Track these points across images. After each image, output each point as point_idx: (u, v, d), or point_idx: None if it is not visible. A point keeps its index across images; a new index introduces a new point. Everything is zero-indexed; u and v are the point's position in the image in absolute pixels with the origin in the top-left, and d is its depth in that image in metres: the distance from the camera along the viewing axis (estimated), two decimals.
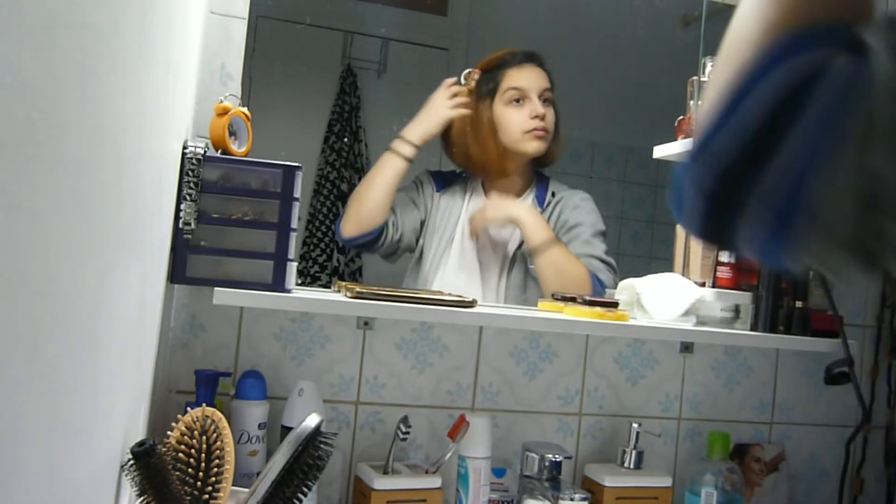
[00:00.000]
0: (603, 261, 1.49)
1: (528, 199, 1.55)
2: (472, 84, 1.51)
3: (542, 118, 1.51)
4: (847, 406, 1.63)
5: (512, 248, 1.52)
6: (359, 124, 1.57)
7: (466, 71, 1.51)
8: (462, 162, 1.54)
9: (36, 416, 0.42)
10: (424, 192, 1.53)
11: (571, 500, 1.29)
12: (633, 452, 1.38)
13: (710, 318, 1.42)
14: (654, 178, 1.71)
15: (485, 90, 1.52)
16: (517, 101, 1.51)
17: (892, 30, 0.37)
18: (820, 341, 1.39)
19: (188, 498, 0.82)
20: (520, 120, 1.51)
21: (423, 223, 1.52)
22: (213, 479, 0.84)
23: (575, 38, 1.66)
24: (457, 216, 1.52)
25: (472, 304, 1.23)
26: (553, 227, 1.51)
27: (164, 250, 1.04)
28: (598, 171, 1.71)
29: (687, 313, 1.36)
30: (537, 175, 1.58)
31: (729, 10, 1.70)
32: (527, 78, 1.52)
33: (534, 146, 1.51)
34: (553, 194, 1.55)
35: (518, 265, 1.51)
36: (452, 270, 1.49)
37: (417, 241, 1.51)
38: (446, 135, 1.51)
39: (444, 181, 1.55)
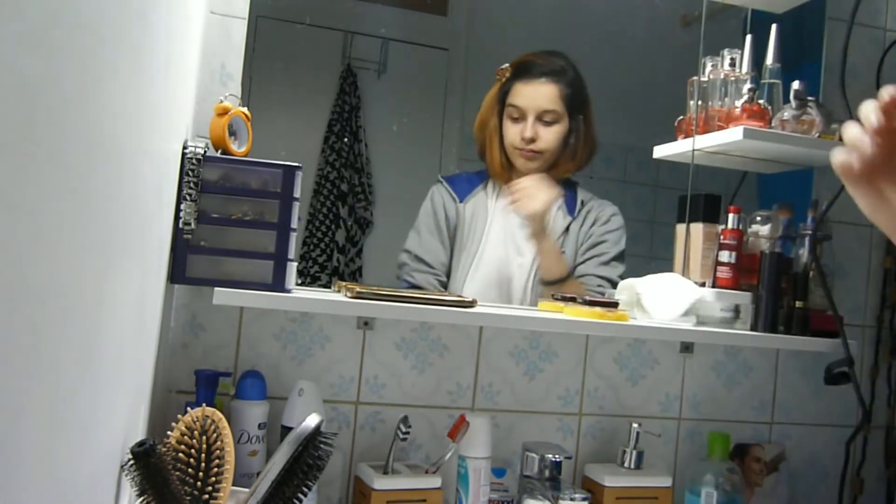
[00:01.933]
0: (616, 284, 1.48)
1: (556, 205, 1.53)
2: (503, 79, 1.53)
3: (531, 141, 1.50)
4: (847, 406, 1.63)
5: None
6: (359, 124, 1.57)
7: (501, 66, 1.53)
8: (480, 157, 1.55)
9: (36, 416, 0.41)
10: (447, 210, 1.52)
11: (571, 500, 1.29)
12: (633, 452, 1.38)
13: (710, 318, 1.42)
14: (654, 178, 1.71)
15: (500, 94, 1.53)
16: (515, 118, 1.52)
17: None
18: (820, 341, 1.39)
19: (188, 498, 0.82)
20: (513, 136, 1.52)
21: (451, 241, 1.51)
22: (213, 479, 0.84)
23: (575, 38, 1.65)
24: (483, 223, 1.52)
25: (472, 304, 1.23)
26: (578, 239, 1.52)
27: (164, 250, 1.04)
28: (598, 171, 1.70)
29: (687, 313, 1.36)
30: (563, 181, 1.56)
31: (729, 10, 1.70)
32: (528, 97, 1.51)
33: (520, 163, 1.51)
34: (582, 203, 1.54)
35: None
36: (482, 280, 1.48)
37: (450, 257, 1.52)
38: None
39: (464, 187, 1.54)
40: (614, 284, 1.49)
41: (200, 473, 0.84)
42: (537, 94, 1.52)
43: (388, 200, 1.53)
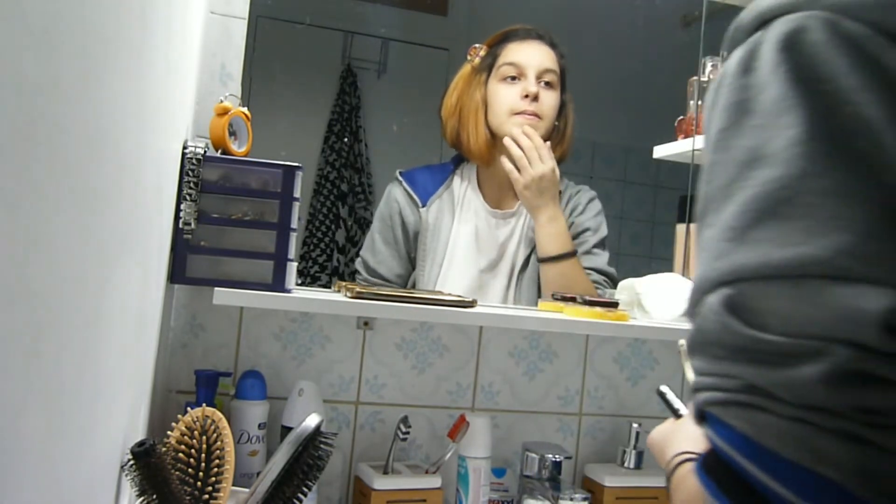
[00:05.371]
0: (604, 273, 1.45)
1: None
2: (477, 61, 1.43)
3: (535, 99, 1.38)
4: None
5: (518, 259, 1.46)
6: (359, 124, 1.57)
7: (472, 46, 1.44)
8: (453, 143, 1.45)
9: (36, 416, 0.41)
10: (404, 217, 1.43)
11: (571, 500, 1.29)
12: (633, 452, 1.38)
13: None
14: (654, 178, 1.71)
15: (483, 65, 1.43)
16: (512, 78, 1.39)
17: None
18: None
19: (188, 498, 0.82)
20: (509, 98, 1.38)
21: (412, 249, 1.43)
22: (213, 479, 0.84)
23: (575, 37, 1.66)
24: (448, 229, 1.43)
25: (472, 304, 1.23)
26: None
27: (164, 250, 1.04)
28: (598, 171, 1.70)
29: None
30: None
31: (729, 10, 1.69)
32: (526, 53, 1.40)
33: (517, 133, 1.38)
34: (560, 192, 1.46)
35: (527, 277, 1.44)
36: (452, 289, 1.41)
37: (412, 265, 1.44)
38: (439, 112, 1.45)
39: (427, 187, 1.44)
40: (601, 272, 1.46)
41: (200, 473, 0.84)
42: (537, 52, 1.42)
43: None
